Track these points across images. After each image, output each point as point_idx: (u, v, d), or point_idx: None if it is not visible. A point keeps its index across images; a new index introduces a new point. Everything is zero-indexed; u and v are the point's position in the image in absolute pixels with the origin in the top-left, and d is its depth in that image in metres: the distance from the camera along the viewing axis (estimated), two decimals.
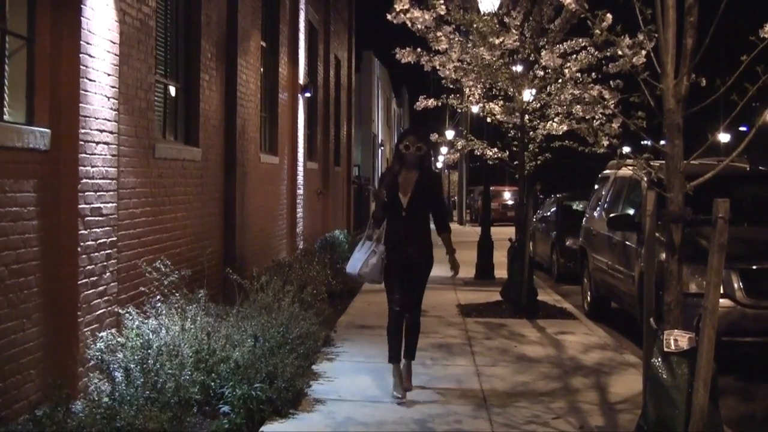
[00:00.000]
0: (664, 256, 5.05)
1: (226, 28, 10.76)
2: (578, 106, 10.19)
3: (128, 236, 7.21)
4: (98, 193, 6.40)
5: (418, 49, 9.87)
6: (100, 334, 6.22)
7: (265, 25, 13.32)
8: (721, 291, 4.80)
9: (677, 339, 4.52)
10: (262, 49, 12.92)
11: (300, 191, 15.57)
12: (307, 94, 16.02)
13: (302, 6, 15.95)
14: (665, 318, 4.67)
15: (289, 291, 8.04)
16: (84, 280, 6.16)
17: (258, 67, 12.44)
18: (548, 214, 18.48)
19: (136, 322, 6.34)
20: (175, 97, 9.31)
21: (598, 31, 5.37)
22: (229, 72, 10.82)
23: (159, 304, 6.74)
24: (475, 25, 9.61)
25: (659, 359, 4.57)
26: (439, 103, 12.01)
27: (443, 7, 8.51)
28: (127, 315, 6.43)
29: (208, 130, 9.97)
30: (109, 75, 6.59)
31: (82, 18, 6.10)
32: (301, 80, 15.68)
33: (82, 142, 6.13)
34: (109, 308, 6.59)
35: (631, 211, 10.05)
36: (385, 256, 6.60)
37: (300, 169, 15.56)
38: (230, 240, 10.74)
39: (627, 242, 9.75)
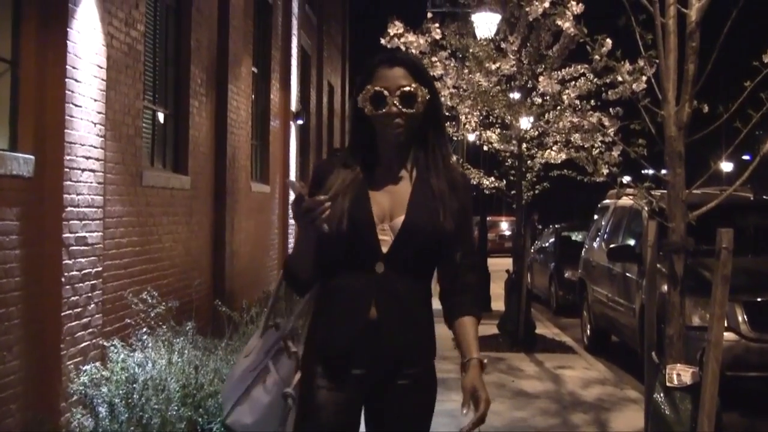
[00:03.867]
0: (665, 287, 5.03)
1: (217, 53, 10.79)
2: (577, 134, 10.21)
3: (114, 266, 7.18)
4: (83, 222, 6.37)
5: None
6: (84, 368, 6.16)
7: (256, 50, 13.36)
8: (725, 324, 4.79)
9: (680, 374, 4.50)
10: (253, 75, 12.96)
11: (292, 221, 15.52)
12: (300, 122, 16.05)
13: (294, 31, 16.02)
14: (667, 352, 4.65)
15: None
16: (68, 312, 6.11)
17: (249, 93, 12.47)
18: (546, 244, 18.50)
19: (122, 355, 6.27)
20: (164, 124, 9.31)
21: (597, 57, 5.40)
22: (220, 98, 10.83)
23: (145, 337, 6.67)
24: (471, 50, 9.66)
25: (661, 394, 4.54)
26: None
27: (438, 31, 8.55)
28: (112, 348, 6.36)
29: (198, 157, 9.96)
30: (95, 100, 6.59)
31: (68, 42, 6.10)
32: (293, 107, 15.71)
33: (67, 169, 6.11)
34: (94, 341, 6.53)
35: (631, 242, 10.04)
36: (306, 389, 2.74)
37: (292, 198, 15.48)
38: (219, 271, 10.69)
39: (627, 274, 9.72)
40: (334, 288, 2.77)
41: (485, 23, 11.32)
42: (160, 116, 9.20)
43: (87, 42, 6.43)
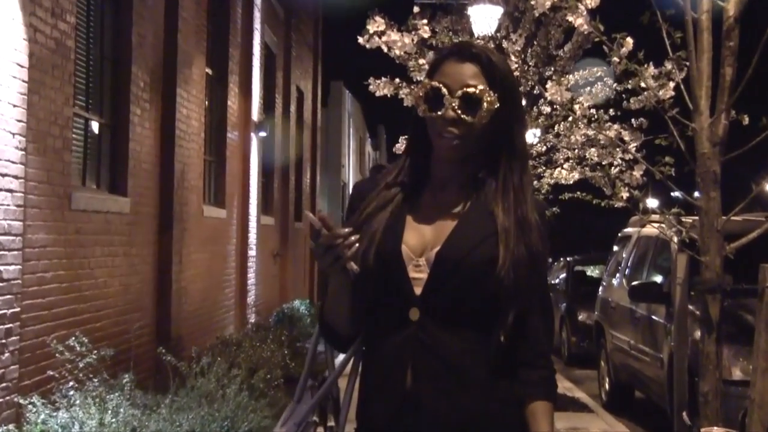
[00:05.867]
0: (699, 334, 5.00)
1: (164, 52, 10.76)
2: (592, 150, 10.23)
3: (35, 307, 7.09)
4: None
5: (396, 80, 9.90)
6: None
7: (211, 48, 13.35)
8: None
9: None
10: (207, 77, 12.93)
11: (252, 252, 15.46)
12: (262, 133, 16.02)
13: (257, 26, 16.03)
14: (702, 412, 4.61)
15: (236, 376, 7.93)
16: None
17: (202, 99, 12.44)
18: (557, 281, 18.50)
19: (42, 416, 6.20)
20: (99, 135, 9.26)
21: (616, 59, 5.39)
22: (167, 105, 10.79)
23: (72, 392, 6.60)
24: None
25: None
26: None
27: (426, 29, 8.55)
28: (30, 406, 6.29)
29: (140, 176, 9.90)
30: (14, 106, 6.54)
31: None
32: (255, 116, 15.68)
33: None
34: (7, 398, 6.44)
35: (657, 279, 10.03)
36: None
37: (252, 225, 15.48)
38: (164, 312, 10.61)
39: (653, 317, 9.71)
40: (368, 344, 2.60)
41: (484, 18, 11.34)
42: (95, 126, 9.14)
43: (4, 36, 6.38)
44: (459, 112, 2.48)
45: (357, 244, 2.40)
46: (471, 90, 2.49)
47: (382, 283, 2.52)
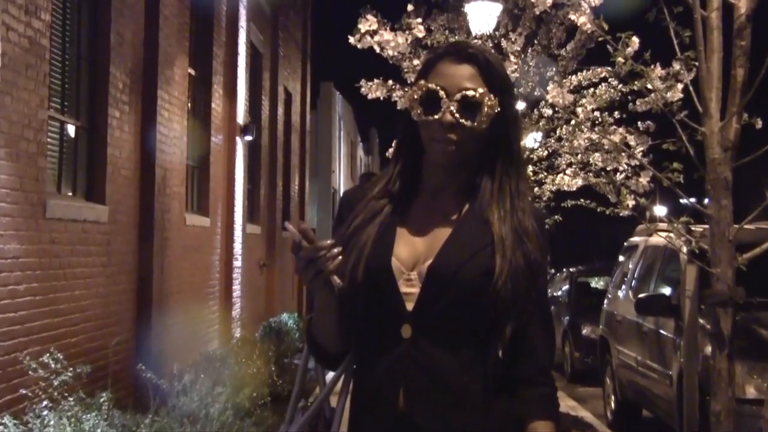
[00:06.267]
0: (710, 349, 4.99)
1: (144, 51, 10.74)
2: (596, 155, 10.22)
3: (7, 321, 7.07)
4: None
5: (390, 82, 9.90)
6: None
7: (194, 47, 13.34)
8: None
9: None
10: (190, 78, 12.92)
11: (237, 263, 15.43)
12: (248, 137, 16.01)
13: (243, 24, 16.02)
14: None
15: (220, 394, 7.93)
16: None
17: (185, 101, 12.42)
18: (559, 293, 18.50)
19: None
20: (75, 139, 9.24)
21: (621, 59, 5.38)
22: (147, 107, 10.77)
23: (45, 412, 6.58)
24: None
25: None
26: None
27: (421, 28, 8.54)
28: (1, 427, 6.25)
29: (118, 182, 9.88)
30: None
31: None
32: (241, 119, 15.66)
33: None
34: None
35: (666, 291, 10.03)
36: None
37: (237, 233, 15.45)
38: (145, 326, 10.58)
39: (662, 331, 9.70)
40: (359, 362, 2.59)
41: (482, 16, 11.34)
42: (71, 129, 9.12)
43: None
44: (457, 116, 2.48)
45: (340, 257, 2.39)
46: (471, 93, 2.49)
47: (372, 300, 2.51)
